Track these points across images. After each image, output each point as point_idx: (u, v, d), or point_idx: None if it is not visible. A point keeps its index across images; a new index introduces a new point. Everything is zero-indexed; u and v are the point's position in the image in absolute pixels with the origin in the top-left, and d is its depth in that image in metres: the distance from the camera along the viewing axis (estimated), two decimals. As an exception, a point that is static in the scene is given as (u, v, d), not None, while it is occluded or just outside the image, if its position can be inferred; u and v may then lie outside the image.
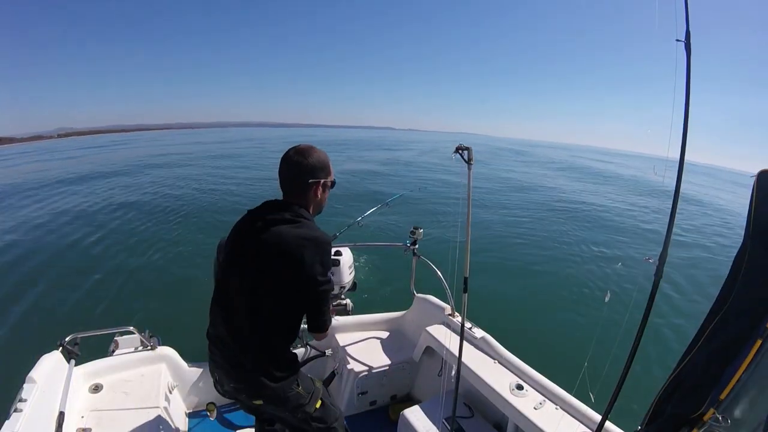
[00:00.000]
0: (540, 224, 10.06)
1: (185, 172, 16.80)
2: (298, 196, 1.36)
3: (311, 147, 1.38)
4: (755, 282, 0.98)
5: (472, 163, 1.67)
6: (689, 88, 0.97)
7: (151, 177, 15.41)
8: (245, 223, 1.38)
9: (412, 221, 2.63)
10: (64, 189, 13.54)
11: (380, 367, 2.53)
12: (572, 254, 7.91)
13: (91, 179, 15.08)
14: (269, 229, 1.28)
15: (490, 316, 4.12)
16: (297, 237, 1.27)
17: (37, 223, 9.45)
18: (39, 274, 6.50)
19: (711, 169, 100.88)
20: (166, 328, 2.81)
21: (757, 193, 1.00)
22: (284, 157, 1.36)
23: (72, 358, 1.88)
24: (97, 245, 7.89)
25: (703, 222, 13.24)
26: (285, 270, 1.27)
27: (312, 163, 1.34)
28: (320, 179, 1.37)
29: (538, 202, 13.33)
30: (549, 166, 25.12)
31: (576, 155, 52.53)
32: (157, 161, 24.03)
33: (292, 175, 1.35)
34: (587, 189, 16.21)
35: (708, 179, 40.02)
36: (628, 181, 20.40)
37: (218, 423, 2.28)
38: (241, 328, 1.33)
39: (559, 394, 1.90)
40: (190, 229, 8.89)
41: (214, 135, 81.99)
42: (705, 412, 0.96)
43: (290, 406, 1.42)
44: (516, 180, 17.43)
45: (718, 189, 29.16)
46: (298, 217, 1.31)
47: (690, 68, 0.97)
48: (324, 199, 1.43)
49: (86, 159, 28.31)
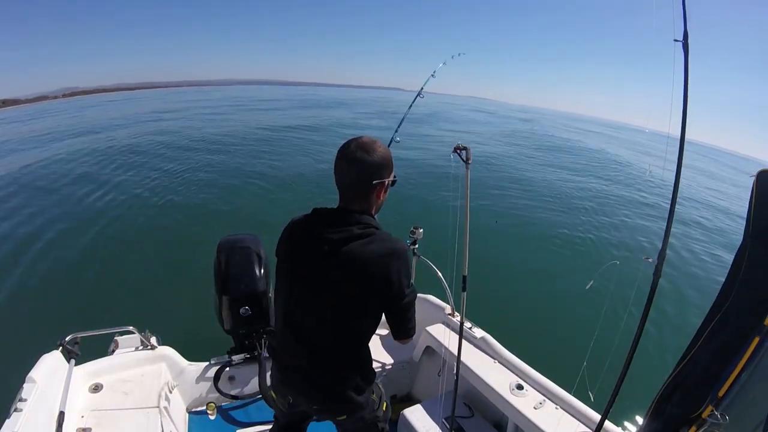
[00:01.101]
0: (540, 218, 10.05)
1: (187, 154, 15.97)
2: (359, 198, 1.20)
3: (374, 141, 1.19)
4: (755, 281, 0.98)
5: (470, 162, 1.67)
6: (687, 88, 0.97)
7: (156, 162, 14.87)
8: (308, 238, 1.20)
9: (412, 221, 2.62)
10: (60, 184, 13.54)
11: (380, 367, 2.53)
12: (572, 252, 7.91)
13: (92, 166, 14.75)
14: (342, 249, 1.14)
15: (490, 316, 4.12)
16: (375, 254, 1.14)
17: (37, 223, 9.46)
18: (39, 274, 6.50)
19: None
20: (166, 327, 2.81)
21: (757, 192, 1.01)
22: (344, 153, 1.17)
23: (72, 357, 1.88)
24: (97, 245, 7.89)
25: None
26: (370, 291, 1.18)
27: (376, 161, 1.16)
28: (385, 179, 1.20)
29: (537, 191, 13.25)
30: (547, 145, 24.26)
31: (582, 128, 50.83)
32: (162, 125, 22.63)
33: (355, 175, 1.17)
34: (587, 179, 16.10)
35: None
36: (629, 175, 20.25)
37: (218, 422, 2.28)
38: (323, 352, 1.26)
39: (559, 393, 1.90)
40: (190, 227, 8.89)
41: (223, 92, 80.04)
42: (704, 411, 0.96)
43: (366, 413, 1.39)
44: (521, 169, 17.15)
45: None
46: (367, 228, 1.16)
47: (688, 68, 0.98)
48: (385, 198, 1.28)
49: (87, 120, 27.38)
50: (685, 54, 0.98)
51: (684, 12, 0.97)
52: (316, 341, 1.27)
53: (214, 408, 2.32)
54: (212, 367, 2.35)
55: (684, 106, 0.99)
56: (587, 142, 29.91)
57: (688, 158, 2.08)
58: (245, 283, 2.26)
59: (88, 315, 5.14)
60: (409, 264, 1.23)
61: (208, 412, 2.30)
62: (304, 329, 1.27)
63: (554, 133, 33.17)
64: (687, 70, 0.97)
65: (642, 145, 32.89)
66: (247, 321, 2.27)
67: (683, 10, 0.97)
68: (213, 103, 41.59)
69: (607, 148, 26.77)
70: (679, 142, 1.03)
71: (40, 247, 7.79)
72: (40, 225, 8.87)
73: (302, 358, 1.29)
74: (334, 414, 1.37)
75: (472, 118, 40.07)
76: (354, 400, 1.30)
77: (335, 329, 1.24)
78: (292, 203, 9.59)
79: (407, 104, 2.48)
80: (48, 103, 79.67)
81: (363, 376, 1.33)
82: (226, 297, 2.26)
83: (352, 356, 1.30)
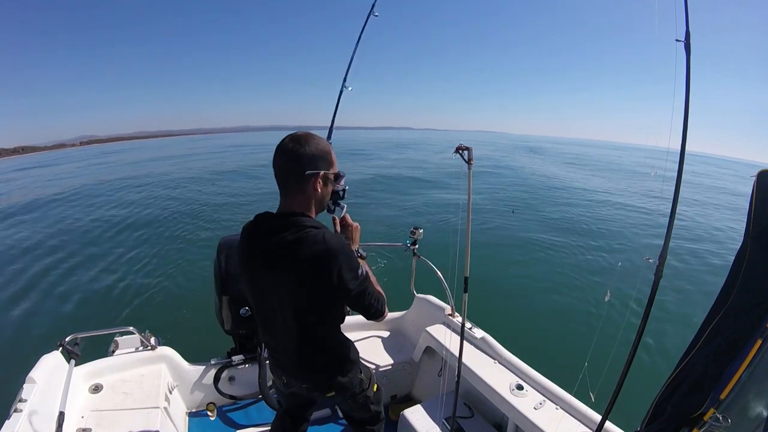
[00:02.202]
0: (541, 223, 10.06)
1: (188, 173, 16.73)
2: (295, 192, 1.21)
3: (310, 134, 1.21)
4: (755, 282, 0.98)
5: (472, 163, 1.67)
6: (689, 89, 0.97)
7: (155, 178, 15.37)
8: (254, 245, 1.24)
9: (412, 222, 2.62)
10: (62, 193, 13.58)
11: (380, 367, 2.53)
12: (572, 253, 7.91)
13: (96, 185, 15.05)
14: (275, 263, 1.18)
15: (490, 316, 4.12)
16: (310, 260, 1.15)
17: (36, 222, 9.46)
18: (38, 275, 6.51)
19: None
20: (166, 328, 2.82)
21: (757, 193, 1.00)
22: (279, 146, 1.19)
23: (72, 358, 1.87)
24: (97, 245, 7.89)
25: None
26: (316, 293, 1.20)
27: (310, 151, 1.17)
28: (320, 170, 1.19)
29: (540, 198, 13.30)
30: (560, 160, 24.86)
31: (583, 149, 51.53)
32: (166, 165, 24.11)
33: (288, 166, 1.18)
34: (588, 184, 16.15)
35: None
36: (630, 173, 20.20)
37: (218, 423, 2.28)
38: (299, 345, 1.33)
39: (559, 394, 1.90)
40: (189, 228, 8.89)
41: (237, 139, 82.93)
42: (705, 412, 0.96)
43: (356, 392, 1.48)
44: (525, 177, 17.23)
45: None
46: (300, 231, 1.16)
47: (689, 68, 0.97)
48: (326, 194, 1.26)
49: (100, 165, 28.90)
50: (687, 54, 0.98)
51: (686, 12, 0.96)
52: (287, 338, 1.33)
53: (213, 409, 2.32)
54: (212, 368, 2.35)
55: (685, 106, 0.99)
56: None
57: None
58: None
59: (88, 315, 5.15)
60: (349, 257, 1.20)
61: (208, 413, 2.30)
62: (274, 330, 1.34)
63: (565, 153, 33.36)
64: (689, 71, 0.97)
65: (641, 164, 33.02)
66: (247, 321, 2.27)
67: (685, 10, 0.97)
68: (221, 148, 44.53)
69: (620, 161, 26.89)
70: (681, 141, 1.03)
71: (40, 247, 7.79)
72: (43, 231, 8.87)
73: (284, 349, 1.37)
74: (323, 391, 1.43)
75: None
76: (338, 380, 1.40)
77: (299, 328, 1.29)
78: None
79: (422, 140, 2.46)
80: (67, 150, 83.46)
81: (342, 359, 1.40)
82: (226, 297, 2.26)
83: (324, 346, 1.36)
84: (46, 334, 4.51)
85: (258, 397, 2.36)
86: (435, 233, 1.97)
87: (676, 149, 1.04)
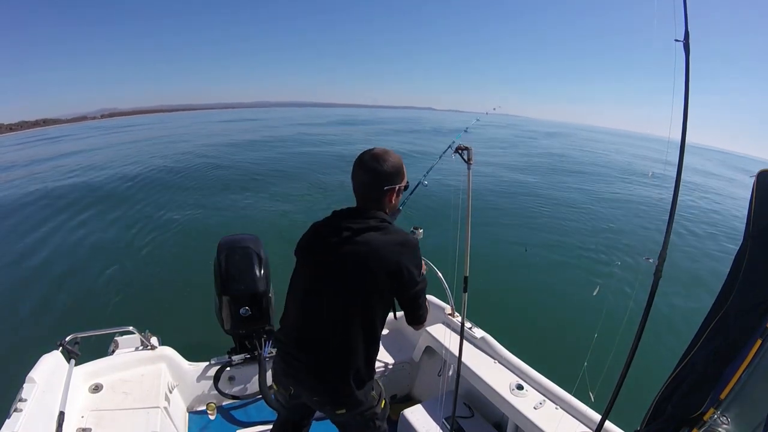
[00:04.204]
0: (540, 220, 10.05)
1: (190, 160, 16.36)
2: (373, 202, 1.35)
3: (386, 152, 1.35)
4: (755, 282, 0.98)
5: (472, 162, 1.67)
6: (688, 87, 0.97)
7: (158, 167, 15.09)
8: (328, 230, 1.33)
9: (412, 222, 2.62)
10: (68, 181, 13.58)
11: (380, 367, 2.53)
12: (572, 253, 7.90)
13: (95, 170, 14.89)
14: (359, 238, 1.27)
15: (490, 316, 4.12)
16: (389, 243, 1.28)
17: (34, 223, 9.46)
18: (38, 274, 6.50)
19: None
20: (166, 327, 2.81)
21: (757, 193, 1.00)
22: (360, 163, 1.33)
23: (72, 358, 1.88)
24: (96, 245, 7.89)
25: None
26: (383, 277, 1.27)
27: (388, 170, 1.32)
28: (396, 185, 1.35)
29: (539, 195, 13.28)
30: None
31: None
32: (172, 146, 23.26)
33: (369, 182, 1.32)
34: (586, 182, 16.13)
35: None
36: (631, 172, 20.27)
37: (218, 422, 2.28)
38: (333, 339, 1.32)
39: (559, 394, 1.90)
40: (189, 228, 8.89)
41: (256, 113, 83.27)
42: (705, 412, 0.96)
43: (365, 409, 1.43)
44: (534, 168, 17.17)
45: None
46: (383, 223, 1.31)
47: (689, 68, 0.97)
48: (398, 202, 1.43)
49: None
50: (686, 54, 0.98)
51: (685, 12, 0.96)
52: (330, 331, 1.32)
53: (214, 408, 2.32)
54: (212, 367, 2.35)
55: (685, 107, 0.99)
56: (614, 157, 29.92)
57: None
58: (245, 284, 2.26)
59: (88, 315, 5.15)
60: (419, 256, 1.36)
61: (208, 412, 2.30)
62: (320, 320, 1.33)
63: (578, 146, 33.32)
64: (688, 70, 0.97)
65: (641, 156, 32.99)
66: (247, 321, 2.28)
67: (684, 10, 0.97)
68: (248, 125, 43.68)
69: (617, 156, 26.93)
70: (680, 141, 1.03)
71: (40, 248, 7.80)
72: (45, 229, 8.89)
73: (312, 349, 1.34)
74: (333, 407, 1.40)
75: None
76: (354, 395, 1.36)
77: (351, 318, 1.30)
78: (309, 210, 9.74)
79: (439, 122, 2.45)
80: (88, 122, 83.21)
81: (367, 370, 1.39)
82: (226, 297, 2.26)
83: (362, 348, 1.34)
84: (46, 334, 4.52)
85: (258, 397, 2.36)
86: (435, 233, 1.97)
87: (676, 151, 1.04)
